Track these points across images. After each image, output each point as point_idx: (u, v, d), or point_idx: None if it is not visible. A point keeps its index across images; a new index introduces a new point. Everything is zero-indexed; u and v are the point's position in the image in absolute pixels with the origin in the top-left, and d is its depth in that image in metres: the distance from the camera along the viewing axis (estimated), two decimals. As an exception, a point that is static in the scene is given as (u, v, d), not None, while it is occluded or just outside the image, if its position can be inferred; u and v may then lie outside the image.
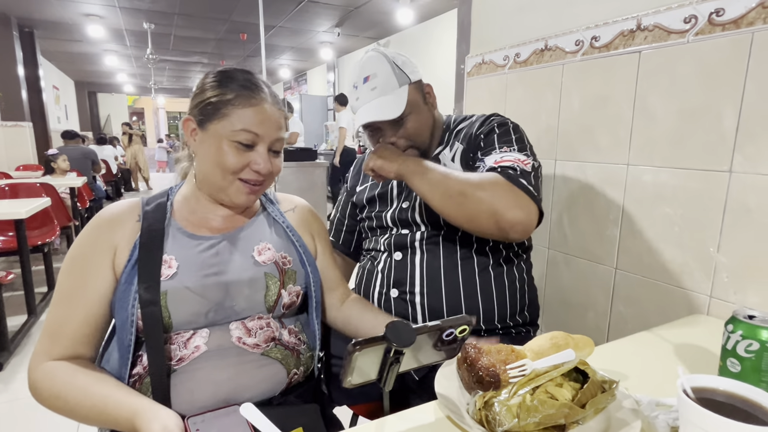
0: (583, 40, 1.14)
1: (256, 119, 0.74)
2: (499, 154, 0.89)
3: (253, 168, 0.75)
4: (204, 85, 0.77)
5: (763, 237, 0.84)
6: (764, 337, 0.54)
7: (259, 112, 0.74)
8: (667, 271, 1.02)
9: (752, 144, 0.85)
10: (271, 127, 0.76)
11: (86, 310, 0.70)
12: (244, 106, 0.73)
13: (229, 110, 0.73)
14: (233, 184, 0.76)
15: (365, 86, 0.97)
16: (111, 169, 7.31)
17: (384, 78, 0.96)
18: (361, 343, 0.51)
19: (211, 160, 0.75)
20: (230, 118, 0.73)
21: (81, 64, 9.70)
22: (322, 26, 6.51)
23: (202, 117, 0.75)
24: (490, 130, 0.96)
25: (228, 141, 0.73)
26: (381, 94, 0.95)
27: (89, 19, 6.07)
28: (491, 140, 0.94)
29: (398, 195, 1.06)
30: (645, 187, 1.04)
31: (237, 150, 0.74)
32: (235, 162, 0.74)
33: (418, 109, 0.99)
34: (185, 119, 0.79)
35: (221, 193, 0.78)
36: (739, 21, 0.85)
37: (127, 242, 0.73)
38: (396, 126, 0.97)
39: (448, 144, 1.04)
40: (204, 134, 0.76)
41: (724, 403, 0.44)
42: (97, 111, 13.43)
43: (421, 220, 0.99)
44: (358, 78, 0.99)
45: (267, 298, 0.77)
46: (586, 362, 0.56)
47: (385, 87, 0.95)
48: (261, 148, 0.75)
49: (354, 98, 1.00)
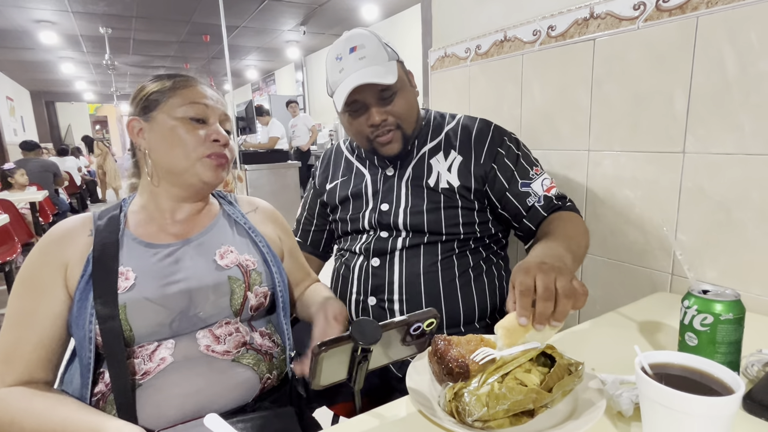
0: (540, 29, 1.15)
1: (201, 94, 0.77)
2: (539, 179, 0.96)
3: (212, 138, 0.76)
4: (142, 87, 0.79)
5: (717, 214, 0.88)
6: (717, 311, 0.56)
7: (201, 91, 0.78)
8: (630, 252, 1.05)
9: (702, 125, 0.88)
10: (216, 103, 0.79)
11: (40, 332, 0.67)
12: (184, 87, 0.76)
13: (174, 92, 0.76)
14: (199, 161, 0.76)
15: (352, 56, 0.90)
16: (75, 181, 7.04)
17: (373, 50, 0.91)
18: (326, 343, 0.50)
19: (168, 145, 0.75)
20: (175, 98, 0.75)
21: (36, 73, 9.29)
22: (286, 25, 6.42)
23: (145, 110, 0.76)
24: (509, 150, 0.97)
25: (179, 120, 0.75)
26: (371, 64, 0.90)
27: (41, 25, 5.81)
28: (522, 165, 0.96)
29: (374, 194, 1.01)
30: (605, 171, 1.06)
31: (191, 126, 0.75)
32: (193, 138, 0.75)
33: (406, 89, 0.95)
34: (129, 121, 0.77)
35: (187, 175, 0.76)
36: (684, 6, 0.88)
37: (80, 258, 0.70)
38: (384, 102, 0.92)
39: (434, 142, 1.01)
40: (152, 124, 0.76)
41: (679, 377, 0.46)
42: (56, 121, 12.90)
43: (404, 225, 0.96)
44: (343, 49, 0.92)
45: (233, 302, 0.75)
46: (552, 346, 0.57)
47: (375, 58, 0.90)
48: (213, 121, 0.78)
49: (337, 70, 0.92)
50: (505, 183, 0.95)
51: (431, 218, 0.95)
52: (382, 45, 0.93)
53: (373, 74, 0.88)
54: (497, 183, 0.95)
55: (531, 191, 0.94)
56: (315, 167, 1.18)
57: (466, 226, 0.96)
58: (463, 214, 0.96)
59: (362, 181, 1.04)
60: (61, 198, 5.40)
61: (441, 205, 0.95)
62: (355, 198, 1.04)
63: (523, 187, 0.94)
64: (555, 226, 0.88)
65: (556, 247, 0.76)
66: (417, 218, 0.95)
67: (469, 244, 0.97)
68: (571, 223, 0.89)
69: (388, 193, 1.00)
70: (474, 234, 0.97)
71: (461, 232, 0.95)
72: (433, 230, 0.95)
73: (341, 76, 0.90)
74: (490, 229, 0.99)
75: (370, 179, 1.03)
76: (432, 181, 0.97)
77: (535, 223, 0.93)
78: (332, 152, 1.16)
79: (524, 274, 0.60)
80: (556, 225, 0.88)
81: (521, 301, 0.58)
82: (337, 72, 0.92)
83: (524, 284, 0.59)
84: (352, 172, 1.07)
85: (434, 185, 0.97)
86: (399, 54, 0.97)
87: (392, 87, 0.91)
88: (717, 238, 0.88)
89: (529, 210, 0.94)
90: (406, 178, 1.00)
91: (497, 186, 0.96)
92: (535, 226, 0.93)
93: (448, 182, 0.96)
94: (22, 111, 9.62)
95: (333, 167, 1.12)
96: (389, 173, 1.02)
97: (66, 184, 5.95)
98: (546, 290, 0.57)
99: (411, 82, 0.99)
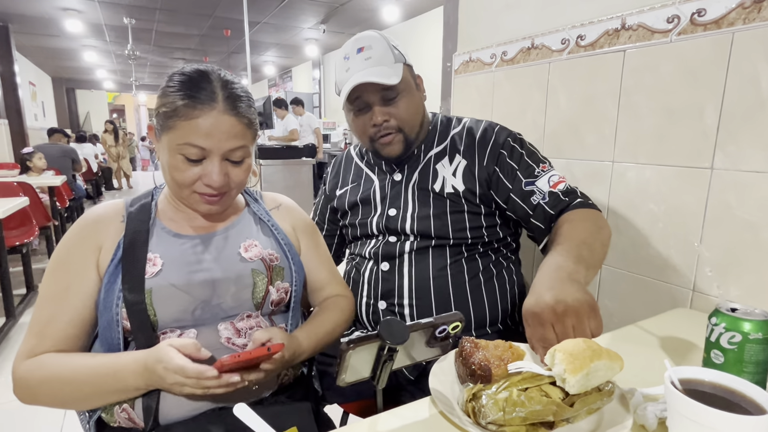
0: (569, 38, 1.15)
1: (202, 132, 0.67)
2: (546, 175, 0.92)
3: (204, 182, 0.71)
4: (163, 89, 0.71)
5: (743, 232, 0.87)
6: (746, 329, 0.56)
7: (205, 124, 0.67)
8: (651, 266, 1.04)
9: (733, 142, 0.87)
10: (221, 138, 0.69)
11: (72, 310, 0.69)
12: (188, 118, 0.67)
13: (175, 122, 0.68)
14: (190, 196, 0.73)
15: (359, 56, 0.92)
16: (91, 168, 7.15)
17: (380, 51, 0.92)
18: (354, 341, 0.51)
19: (166, 172, 0.72)
20: (176, 130, 0.68)
21: (59, 60, 9.45)
22: (307, 23, 6.46)
23: (157, 126, 0.72)
24: (512, 150, 0.95)
25: (176, 154, 0.69)
26: (376, 64, 0.91)
27: (67, 13, 5.90)
28: (525, 163, 0.94)
29: (382, 200, 1.02)
30: (629, 183, 1.06)
31: (186, 163, 0.69)
32: (185, 176, 0.70)
33: (410, 92, 0.96)
34: (149, 125, 0.77)
35: (183, 202, 0.77)
36: (720, 21, 0.87)
37: (112, 242, 0.72)
38: (387, 104, 0.93)
39: (440, 146, 1.01)
40: (159, 144, 0.73)
41: (709, 394, 0.46)
42: (75, 108, 13.09)
43: (411, 230, 0.96)
44: (351, 50, 0.94)
45: (254, 294, 0.76)
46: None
47: (381, 59, 0.91)
48: (211, 161, 0.70)
49: (344, 69, 0.94)
50: (509, 184, 0.94)
51: (438, 223, 0.95)
52: (390, 47, 0.94)
53: (377, 74, 0.89)
54: (501, 185, 0.94)
55: (536, 189, 0.92)
56: (326, 173, 1.19)
57: (474, 231, 0.96)
58: (470, 218, 0.96)
59: (371, 187, 1.04)
60: (78, 184, 5.49)
61: (447, 210, 0.95)
62: (364, 203, 1.04)
63: (528, 185, 0.92)
64: (564, 230, 0.84)
65: (563, 262, 0.72)
66: (424, 223, 0.95)
67: (477, 248, 0.97)
68: (583, 224, 0.84)
69: (395, 198, 1.00)
70: (482, 238, 0.96)
71: (468, 237, 0.95)
72: (440, 235, 0.95)
73: (347, 75, 0.92)
74: (498, 233, 0.98)
75: (379, 184, 1.04)
76: (438, 186, 0.97)
77: (544, 221, 0.90)
78: (343, 158, 1.17)
79: (541, 325, 0.61)
80: (565, 229, 0.84)
81: (542, 352, 0.59)
82: (343, 71, 0.94)
83: (545, 339, 0.60)
84: (361, 178, 1.08)
85: (440, 190, 0.97)
86: (408, 57, 0.98)
87: (396, 88, 0.92)
88: (742, 256, 0.87)
89: (536, 209, 0.91)
90: (413, 183, 1.00)
91: (501, 188, 0.94)
92: (545, 225, 0.90)
93: (453, 187, 0.96)
94: (43, 96, 9.78)
95: (343, 173, 1.13)
96: (397, 178, 1.02)
97: (83, 170, 6.04)
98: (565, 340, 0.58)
99: (418, 86, 0.99)
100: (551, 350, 0.54)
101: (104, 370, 0.64)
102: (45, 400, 0.66)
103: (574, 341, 0.55)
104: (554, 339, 0.59)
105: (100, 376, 0.64)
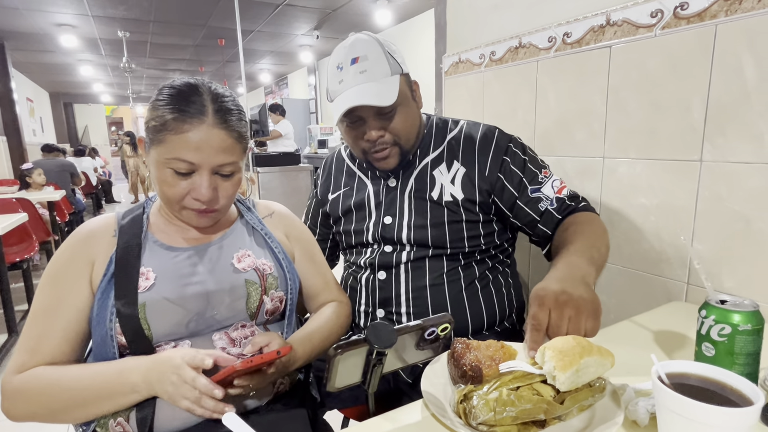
0: (556, 36, 1.16)
1: (191, 146, 0.67)
2: (549, 181, 0.93)
3: (193, 196, 0.71)
4: (153, 102, 0.70)
5: (735, 223, 0.87)
6: (735, 321, 0.56)
7: (195, 138, 0.67)
8: (645, 261, 1.04)
9: (720, 134, 0.87)
10: (210, 153, 0.68)
11: (65, 325, 0.69)
12: (177, 132, 0.67)
13: (164, 136, 0.67)
14: (181, 211, 0.73)
15: (353, 68, 0.87)
16: (90, 181, 7.17)
17: (375, 62, 0.87)
18: (342, 346, 0.51)
19: (157, 183, 0.72)
20: (165, 144, 0.68)
21: (55, 75, 9.49)
22: (300, 29, 6.48)
23: (147, 140, 0.71)
24: (515, 156, 0.94)
25: (165, 168, 0.69)
26: (371, 80, 0.86)
27: (61, 29, 5.93)
28: (529, 170, 0.94)
29: (377, 206, 0.99)
30: (621, 178, 1.06)
31: (175, 177, 0.69)
32: (174, 191, 0.70)
33: (407, 104, 0.91)
34: (139, 138, 0.77)
35: (175, 215, 0.76)
36: (703, 14, 0.87)
37: (104, 257, 0.72)
38: (382, 119, 0.89)
39: (436, 152, 0.98)
40: (149, 158, 0.72)
41: (697, 387, 0.46)
42: (74, 122, 13.13)
43: (408, 239, 0.95)
44: (345, 58, 0.88)
45: (249, 305, 0.77)
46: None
47: (376, 72, 0.86)
48: (200, 175, 0.69)
49: (337, 81, 0.88)
50: (515, 192, 0.93)
51: (435, 233, 0.94)
52: (386, 56, 0.88)
53: (373, 93, 0.85)
54: (506, 193, 0.93)
55: (542, 195, 0.92)
56: (317, 175, 1.16)
57: (471, 240, 0.95)
58: (468, 227, 0.94)
59: (365, 192, 1.01)
60: (77, 198, 5.50)
61: (445, 220, 0.94)
62: (358, 209, 1.02)
63: (534, 192, 0.92)
64: (573, 231, 0.84)
65: (578, 262, 0.73)
66: (421, 233, 0.94)
67: (474, 255, 0.96)
68: (590, 226, 0.86)
69: (390, 205, 0.98)
70: (479, 246, 0.95)
71: (466, 246, 0.94)
72: (438, 244, 0.94)
73: (341, 88, 0.88)
74: (495, 241, 0.98)
75: (373, 190, 1.01)
76: (435, 194, 0.95)
77: (551, 227, 0.91)
78: (333, 160, 1.13)
79: (539, 306, 0.61)
80: (574, 230, 0.85)
81: (531, 335, 0.59)
82: (336, 82, 0.89)
83: (537, 319, 0.60)
84: (354, 182, 1.05)
85: (437, 198, 0.94)
86: (405, 63, 0.92)
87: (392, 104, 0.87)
88: (735, 248, 0.87)
89: (543, 215, 0.91)
90: (409, 191, 0.97)
91: (506, 196, 0.93)
92: (551, 230, 0.91)
93: (451, 195, 0.94)
94: (41, 112, 9.83)
95: (335, 176, 1.10)
96: (391, 184, 1.00)
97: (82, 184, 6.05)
98: (556, 329, 0.59)
99: (414, 96, 0.95)
100: (541, 348, 0.54)
101: (109, 369, 0.66)
102: (39, 411, 0.65)
103: (564, 338, 0.55)
104: (545, 321, 0.60)
105: (104, 375, 0.65)
